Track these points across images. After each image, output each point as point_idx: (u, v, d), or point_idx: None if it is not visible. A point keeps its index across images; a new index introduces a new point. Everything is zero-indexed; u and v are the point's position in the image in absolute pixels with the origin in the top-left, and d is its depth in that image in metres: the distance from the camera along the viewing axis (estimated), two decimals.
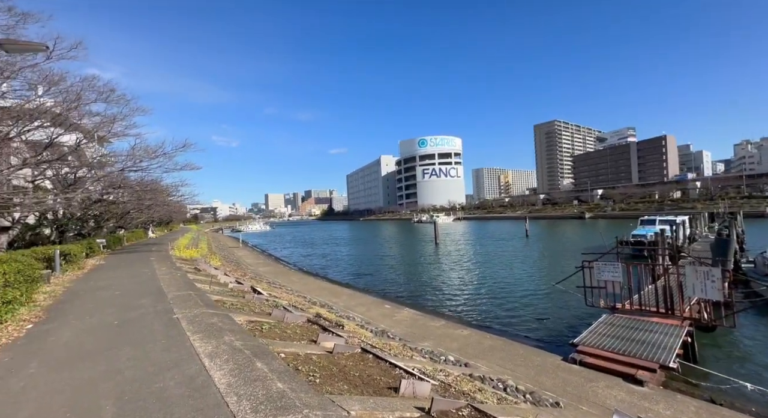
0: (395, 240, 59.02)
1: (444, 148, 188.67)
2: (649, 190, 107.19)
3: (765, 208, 67.11)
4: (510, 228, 71.80)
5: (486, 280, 22.42)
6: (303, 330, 7.37)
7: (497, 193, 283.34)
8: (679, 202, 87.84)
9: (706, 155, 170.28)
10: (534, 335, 12.47)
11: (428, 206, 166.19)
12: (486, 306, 16.61)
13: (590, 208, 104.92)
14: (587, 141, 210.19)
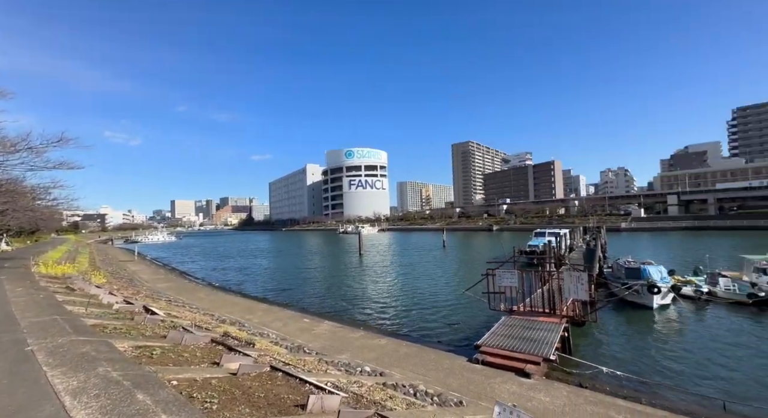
0: (320, 252, 57.72)
1: (370, 161, 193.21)
2: (542, 207, 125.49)
3: (620, 223, 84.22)
4: (430, 239, 76.31)
5: (406, 290, 23.32)
6: (205, 352, 6.64)
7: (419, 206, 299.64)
8: (563, 218, 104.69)
9: (582, 179, 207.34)
10: (446, 340, 13.33)
11: (354, 217, 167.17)
12: (404, 315, 17.23)
13: (497, 221, 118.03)
14: (495, 161, 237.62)
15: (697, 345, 12.21)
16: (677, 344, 12.37)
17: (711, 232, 68.07)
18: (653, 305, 16.03)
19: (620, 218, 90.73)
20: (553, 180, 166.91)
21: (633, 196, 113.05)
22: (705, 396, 8.40)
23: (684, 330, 13.88)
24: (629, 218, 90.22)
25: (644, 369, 10.26)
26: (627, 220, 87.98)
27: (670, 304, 16.84)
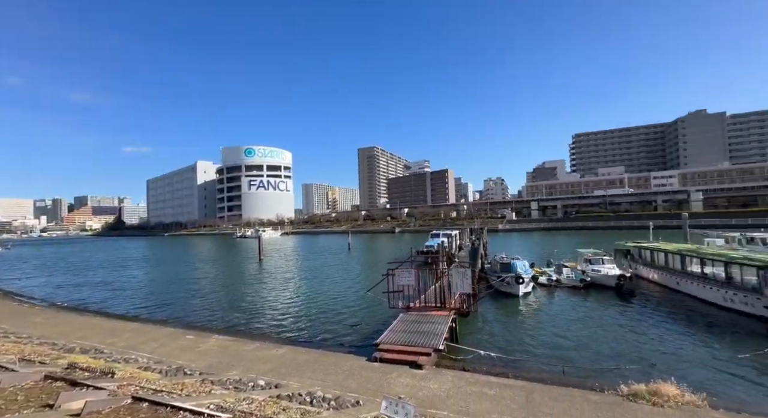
0: (212, 258, 51.62)
1: (273, 161, 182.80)
2: (438, 210, 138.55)
3: (498, 225, 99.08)
4: (336, 242, 76.13)
5: (309, 295, 22.65)
6: (33, 393, 5.15)
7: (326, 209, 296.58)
8: (455, 220, 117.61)
9: (470, 186, 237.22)
10: (347, 342, 13.39)
11: (255, 220, 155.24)
12: (306, 321, 16.69)
13: (399, 223, 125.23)
14: (398, 167, 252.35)
15: (548, 323, 15.09)
16: (535, 324, 15.06)
17: (559, 231, 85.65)
18: (519, 293, 19.21)
19: (498, 221, 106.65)
20: (447, 186, 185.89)
21: (507, 202, 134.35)
22: (551, 364, 10.42)
23: (540, 312, 17.00)
24: (504, 220, 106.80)
25: (512, 347, 12.17)
26: (503, 222, 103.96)
27: (531, 291, 20.42)
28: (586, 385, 8.35)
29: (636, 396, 6.91)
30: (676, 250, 19.81)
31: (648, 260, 22.58)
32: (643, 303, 17.94)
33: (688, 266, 18.51)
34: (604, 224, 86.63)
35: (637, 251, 24.32)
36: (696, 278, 17.51)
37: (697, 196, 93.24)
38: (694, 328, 13.92)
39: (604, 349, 11.98)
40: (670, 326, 14.23)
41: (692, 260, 18.30)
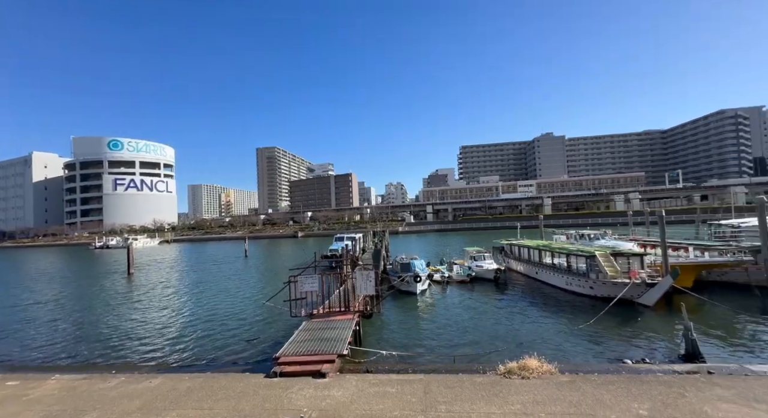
0: (58, 276, 40.60)
1: (150, 157, 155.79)
2: (342, 214, 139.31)
3: (398, 227, 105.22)
4: (230, 249, 68.97)
5: (196, 311, 19.83)
6: None
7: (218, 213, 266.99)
8: (359, 224, 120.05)
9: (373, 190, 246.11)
10: (243, 359, 12.15)
11: (122, 227, 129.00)
12: (192, 341, 14.52)
13: (302, 228, 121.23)
14: (301, 169, 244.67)
15: (442, 316, 16.55)
16: (431, 319, 16.34)
17: (451, 232, 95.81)
18: (417, 291, 20.62)
19: (398, 223, 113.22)
20: (350, 190, 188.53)
21: (407, 205, 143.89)
22: (444, 355, 11.43)
23: (435, 307, 18.54)
24: (404, 223, 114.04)
25: (411, 343, 12.91)
26: (403, 224, 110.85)
27: (427, 289, 22.15)
28: (472, 369, 9.39)
29: (510, 373, 8.08)
30: (534, 245, 24.23)
31: (516, 254, 27.04)
32: (513, 291, 21.34)
33: (543, 258, 22.82)
34: (485, 225, 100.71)
35: (508, 248, 28.87)
36: (548, 267, 21.72)
37: (548, 201, 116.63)
38: (548, 308, 17.18)
39: (486, 334, 13.75)
40: (532, 309, 17.24)
41: (545, 253, 22.64)
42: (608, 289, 16.38)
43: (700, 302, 15.75)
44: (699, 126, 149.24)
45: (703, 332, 12.49)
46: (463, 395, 7.11)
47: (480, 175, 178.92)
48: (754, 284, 16.97)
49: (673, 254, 20.48)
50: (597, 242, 26.35)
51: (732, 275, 18.33)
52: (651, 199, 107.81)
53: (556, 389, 7.01)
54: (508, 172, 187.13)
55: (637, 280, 15.82)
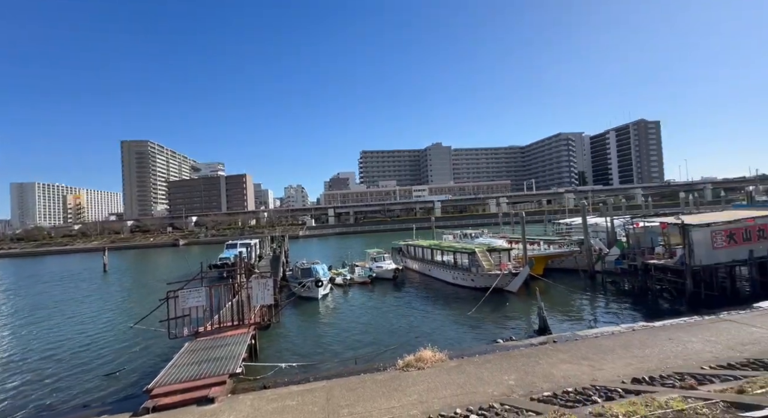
0: None
1: None
2: (235, 218, 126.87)
3: (299, 231, 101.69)
4: (81, 264, 55.22)
5: (30, 346, 15.18)
6: None
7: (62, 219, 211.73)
8: (255, 228, 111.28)
9: (270, 193, 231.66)
10: (100, 398, 9.85)
11: None
12: (19, 390, 11.03)
13: (185, 235, 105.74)
14: (183, 168, 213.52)
15: (344, 319, 16.61)
16: (333, 323, 16.23)
17: (352, 235, 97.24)
18: (319, 296, 20.23)
19: (299, 227, 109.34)
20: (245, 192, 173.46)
21: (308, 209, 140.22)
22: (346, 358, 11.49)
23: (337, 311, 18.49)
24: (305, 226, 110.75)
25: (314, 351, 12.56)
26: (303, 228, 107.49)
27: (329, 293, 21.94)
28: (374, 368, 9.67)
29: (408, 366, 8.62)
30: (427, 245, 26.57)
31: (412, 254, 29.16)
32: (410, 288, 22.91)
33: (434, 256, 25.19)
34: (384, 227, 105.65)
35: (405, 248, 30.91)
36: (438, 264, 24.08)
37: (438, 204, 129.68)
38: (439, 302, 19.01)
39: (387, 332, 14.39)
40: (426, 303, 18.81)
41: (436, 251, 25.05)
42: (485, 280, 19.10)
43: (548, 285, 19.75)
44: (545, 145, 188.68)
45: (551, 309, 15.68)
46: (365, 395, 7.24)
47: (379, 179, 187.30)
48: (580, 268, 22.21)
49: (530, 248, 25.21)
50: (477, 240, 30.48)
51: (567, 262, 23.59)
52: (515, 202, 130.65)
53: (446, 375, 7.79)
54: (405, 178, 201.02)
55: (506, 271, 18.91)
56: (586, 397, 5.61)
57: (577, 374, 7.04)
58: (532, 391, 6.41)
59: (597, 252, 22.16)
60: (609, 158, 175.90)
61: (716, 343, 8.19)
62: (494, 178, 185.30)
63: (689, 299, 15.28)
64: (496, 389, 6.76)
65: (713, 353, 7.61)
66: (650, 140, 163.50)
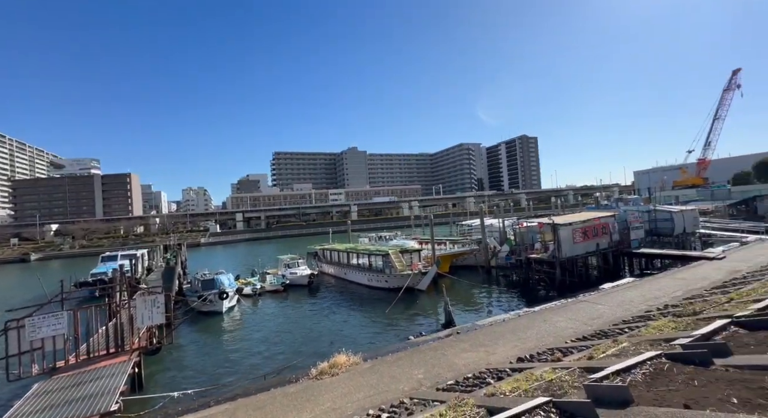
0: None
1: None
2: (115, 225, 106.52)
3: (200, 239, 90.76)
4: None
5: None
6: None
7: None
8: (142, 237, 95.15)
9: (164, 196, 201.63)
10: None
11: None
12: None
13: (39, 247, 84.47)
14: (38, 164, 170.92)
15: (253, 333, 15.36)
16: (240, 338, 14.87)
17: (263, 241, 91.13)
18: (223, 310, 18.33)
19: (200, 234, 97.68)
20: (129, 195, 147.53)
21: (211, 213, 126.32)
22: (254, 374, 10.63)
23: (245, 324, 17.02)
24: (208, 233, 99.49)
25: (217, 372, 11.27)
26: (206, 235, 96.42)
27: (236, 305, 20.07)
28: (285, 380, 9.13)
29: (322, 374, 8.38)
30: (343, 248, 26.53)
31: (329, 258, 28.73)
32: (325, 293, 22.49)
33: (350, 260, 25.28)
34: (299, 232, 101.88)
35: (321, 252, 30.29)
36: (354, 267, 24.25)
37: (354, 208, 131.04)
38: (355, 304, 19.10)
39: (301, 340, 13.80)
40: (342, 307, 18.70)
41: (352, 254, 25.19)
42: (398, 280, 19.93)
43: (454, 281, 21.64)
44: (450, 154, 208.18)
45: (456, 303, 17.18)
46: (274, 412, 6.78)
47: (294, 182, 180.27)
48: (479, 264, 24.96)
49: (438, 248, 27.31)
50: (391, 242, 31.68)
51: (468, 259, 26.26)
52: (426, 206, 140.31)
53: (360, 378, 7.82)
54: (321, 181, 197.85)
55: (416, 271, 20.08)
56: (481, 380, 6.26)
57: (476, 360, 7.83)
58: (438, 382, 6.87)
59: (492, 250, 25.21)
60: (501, 167, 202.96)
61: (576, 320, 10.06)
62: (407, 183, 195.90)
63: (558, 285, 18.51)
64: (406, 384, 7.05)
65: (573, 328, 9.33)
66: (531, 153, 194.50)
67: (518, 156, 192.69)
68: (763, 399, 2.75)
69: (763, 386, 2.93)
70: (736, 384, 3.07)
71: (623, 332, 7.72)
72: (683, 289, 12.38)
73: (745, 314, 5.38)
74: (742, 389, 2.97)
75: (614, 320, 9.57)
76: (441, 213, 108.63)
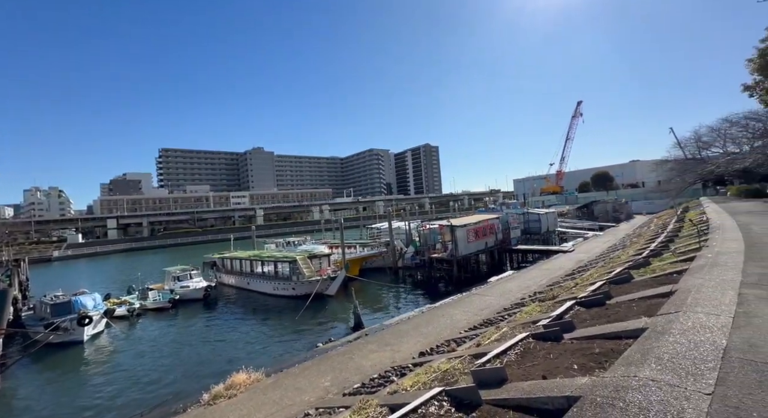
0: None
1: None
2: None
3: (53, 252, 72.31)
4: None
5: None
6: None
7: None
8: None
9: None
10: None
11: None
12: None
13: None
14: None
15: (126, 363, 12.86)
16: (110, 370, 12.28)
17: (147, 251, 77.73)
18: (84, 339, 14.90)
19: (53, 246, 77.90)
20: None
21: (70, 220, 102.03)
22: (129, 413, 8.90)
23: (115, 353, 14.13)
24: (64, 245, 79.94)
25: None
26: (62, 247, 77.30)
27: (104, 330, 16.55)
28: (170, 413, 7.90)
29: (217, 397, 7.48)
30: (246, 256, 24.47)
31: (229, 267, 26.09)
32: (225, 307, 20.34)
33: (254, 268, 23.46)
34: (194, 240, 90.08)
35: (220, 261, 27.33)
36: (259, 276, 22.60)
37: (260, 212, 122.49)
38: (259, 316, 17.75)
39: (192, 363, 12.12)
40: (244, 320, 17.16)
41: (256, 262, 23.42)
42: (306, 287, 19.30)
43: (364, 284, 22.00)
44: (360, 158, 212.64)
45: (367, 305, 17.47)
46: None
47: (187, 183, 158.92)
48: (387, 266, 25.97)
49: (349, 251, 27.45)
50: (300, 248, 30.53)
51: (377, 261, 27.09)
52: (337, 209, 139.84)
53: (262, 395, 7.24)
54: (221, 183, 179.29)
55: (325, 276, 19.77)
56: (386, 379, 6.47)
57: (383, 360, 8.06)
58: (345, 387, 6.83)
59: (399, 251, 26.54)
60: (408, 173, 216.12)
61: (469, 312, 11.28)
62: (317, 186, 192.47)
63: (455, 281, 20.53)
64: (312, 394, 6.82)
65: (467, 319, 10.44)
66: (433, 161, 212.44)
67: (422, 163, 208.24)
68: (593, 362, 3.50)
69: (593, 352, 3.72)
70: (577, 353, 3.83)
71: (504, 318, 8.96)
72: (547, 277, 15.07)
73: (584, 295, 6.80)
74: (581, 356, 3.72)
75: (498, 308, 11.04)
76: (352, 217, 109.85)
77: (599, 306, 5.76)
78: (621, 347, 3.64)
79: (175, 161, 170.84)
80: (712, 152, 38.83)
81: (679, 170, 42.65)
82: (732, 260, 6.80)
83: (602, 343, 3.94)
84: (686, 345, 3.13)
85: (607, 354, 3.57)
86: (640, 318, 4.19)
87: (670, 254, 9.42)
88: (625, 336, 3.92)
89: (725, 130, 34.32)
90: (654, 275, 7.14)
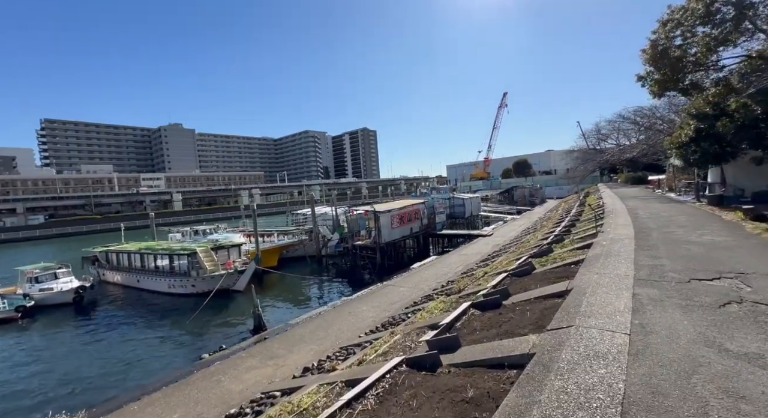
0: None
1: None
2: None
3: None
4: None
5: None
6: None
7: None
8: None
9: None
10: None
11: None
12: None
13: None
14: None
15: None
16: None
17: (19, 243, 64.18)
18: None
19: None
20: None
21: None
22: None
23: None
24: None
25: None
26: None
27: None
28: None
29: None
30: (137, 249, 20.59)
31: (114, 263, 21.86)
32: (105, 311, 16.83)
33: (146, 263, 19.85)
34: (90, 228, 76.86)
35: (104, 256, 22.81)
36: (151, 272, 19.17)
37: (178, 196, 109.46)
38: (145, 320, 14.88)
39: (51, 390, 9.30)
40: (126, 327, 14.19)
41: (147, 256, 19.81)
42: (208, 283, 16.73)
43: (281, 276, 20.04)
44: (295, 140, 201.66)
45: (282, 300, 15.70)
46: None
47: (83, 162, 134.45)
48: (308, 255, 24.20)
49: (268, 240, 24.97)
50: (210, 237, 27.01)
51: (299, 250, 25.14)
52: (269, 194, 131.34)
53: None
54: (129, 163, 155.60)
55: (231, 270, 17.34)
56: (243, 416, 5.02)
57: (259, 381, 6.58)
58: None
59: (323, 239, 24.90)
60: (345, 156, 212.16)
61: (378, 307, 10.29)
62: (248, 169, 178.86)
63: (378, 269, 19.71)
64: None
65: (374, 316, 9.43)
66: (371, 145, 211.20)
67: (360, 147, 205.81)
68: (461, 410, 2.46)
69: (464, 398, 2.69)
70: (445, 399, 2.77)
71: (408, 316, 8.06)
72: (464, 263, 14.89)
73: (484, 292, 6.06)
74: (448, 405, 2.66)
75: (408, 302, 10.22)
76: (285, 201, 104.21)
77: (495, 308, 5.02)
78: (500, 388, 2.68)
79: (65, 135, 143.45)
80: (609, 143, 43.99)
81: (583, 159, 47.78)
82: (624, 248, 6.64)
83: (481, 377, 2.98)
84: (576, 395, 2.20)
85: (480, 402, 2.57)
86: (529, 336, 3.35)
87: (570, 241, 9.42)
88: (509, 364, 3.02)
89: (619, 124, 38.82)
90: (554, 264, 6.77)
